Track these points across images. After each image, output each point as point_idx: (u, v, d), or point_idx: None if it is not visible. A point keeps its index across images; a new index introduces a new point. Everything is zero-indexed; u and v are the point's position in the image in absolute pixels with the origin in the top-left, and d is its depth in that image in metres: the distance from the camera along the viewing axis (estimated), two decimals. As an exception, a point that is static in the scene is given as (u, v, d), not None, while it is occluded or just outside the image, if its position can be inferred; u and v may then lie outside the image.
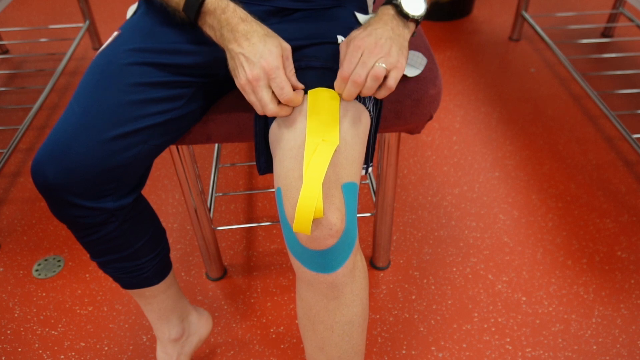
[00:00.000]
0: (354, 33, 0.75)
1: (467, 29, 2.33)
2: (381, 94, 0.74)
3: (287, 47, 0.74)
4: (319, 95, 0.74)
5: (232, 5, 0.74)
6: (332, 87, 0.76)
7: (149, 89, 0.78)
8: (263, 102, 0.71)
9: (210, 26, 0.75)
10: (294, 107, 0.75)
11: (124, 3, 2.63)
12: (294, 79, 0.74)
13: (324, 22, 0.84)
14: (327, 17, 0.85)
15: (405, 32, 0.76)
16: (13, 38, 2.32)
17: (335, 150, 0.71)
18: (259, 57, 0.70)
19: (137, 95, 0.77)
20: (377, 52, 0.71)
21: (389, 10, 0.76)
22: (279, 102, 0.73)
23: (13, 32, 2.37)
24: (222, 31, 0.73)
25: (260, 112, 0.73)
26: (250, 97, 0.73)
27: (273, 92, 0.72)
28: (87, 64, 2.16)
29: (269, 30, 0.74)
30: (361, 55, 0.71)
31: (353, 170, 0.73)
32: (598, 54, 2.11)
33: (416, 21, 0.78)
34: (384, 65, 0.71)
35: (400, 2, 0.75)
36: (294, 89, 0.74)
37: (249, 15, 0.74)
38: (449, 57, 2.14)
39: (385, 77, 0.72)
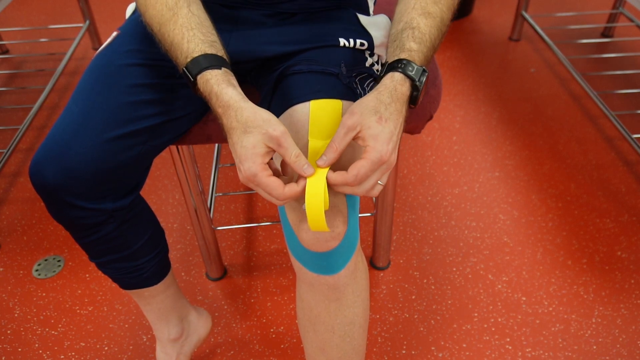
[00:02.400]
0: (374, 129, 0.62)
1: (467, 29, 2.33)
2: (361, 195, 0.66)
3: (277, 135, 0.61)
4: (322, 105, 0.74)
5: (216, 89, 0.65)
6: (333, 90, 0.75)
7: (148, 89, 0.78)
8: (268, 197, 0.64)
9: (211, 106, 0.69)
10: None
11: (124, 3, 2.63)
12: (297, 163, 0.63)
13: (325, 24, 0.83)
14: (328, 19, 0.84)
15: (402, 126, 0.67)
16: (13, 38, 2.32)
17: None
18: (240, 161, 0.63)
19: (136, 96, 0.77)
20: (386, 167, 0.64)
21: (406, 93, 0.67)
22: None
23: (13, 32, 2.37)
24: (218, 119, 0.67)
25: (275, 203, 0.66)
26: (258, 190, 0.65)
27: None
28: (87, 64, 2.15)
29: (250, 122, 0.62)
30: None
31: None
32: (598, 54, 2.11)
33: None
34: (382, 183, 0.65)
35: (420, 88, 0.67)
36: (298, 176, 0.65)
37: (230, 101, 0.64)
38: (449, 57, 2.14)
39: None
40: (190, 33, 0.68)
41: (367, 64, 0.83)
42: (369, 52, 0.84)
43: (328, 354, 0.81)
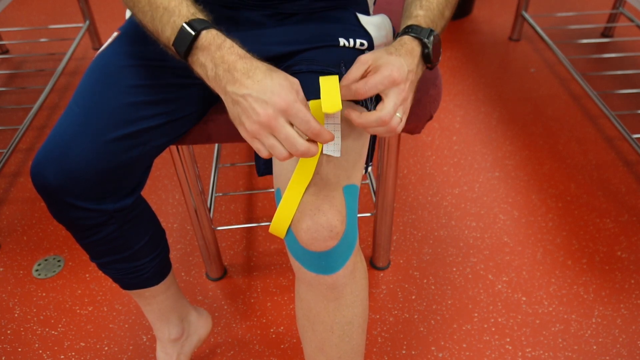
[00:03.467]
0: (386, 58, 0.66)
1: (467, 29, 2.33)
2: (383, 135, 0.69)
3: (296, 81, 0.63)
4: (321, 104, 0.74)
5: (228, 41, 0.64)
6: None
7: (148, 90, 0.78)
8: (291, 139, 0.60)
9: (201, 65, 0.65)
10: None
11: (124, 3, 2.63)
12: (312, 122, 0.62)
13: (325, 24, 0.83)
14: (328, 20, 0.84)
15: (419, 76, 0.71)
16: (13, 38, 2.32)
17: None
18: (270, 94, 0.59)
19: (137, 97, 0.77)
20: (403, 97, 0.66)
21: (416, 50, 0.69)
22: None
23: (13, 32, 2.37)
24: (217, 70, 0.63)
25: (282, 156, 0.61)
26: (268, 141, 0.61)
27: None
28: (87, 64, 2.16)
29: (272, 66, 0.64)
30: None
31: (354, 172, 0.73)
32: (598, 54, 2.11)
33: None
34: (399, 115, 0.66)
35: (430, 46, 0.69)
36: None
37: (247, 52, 0.64)
38: (449, 57, 2.14)
39: None
40: (187, 1, 0.67)
41: (367, 64, 0.83)
42: (368, 52, 0.84)
43: (327, 353, 0.81)
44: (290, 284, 1.30)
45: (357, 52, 0.82)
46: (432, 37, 0.70)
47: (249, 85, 0.61)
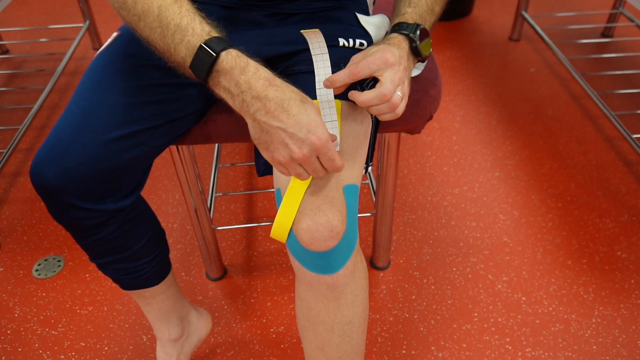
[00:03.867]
0: (376, 47, 0.70)
1: (467, 29, 2.33)
2: (386, 117, 0.71)
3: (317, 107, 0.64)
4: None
5: (252, 63, 0.62)
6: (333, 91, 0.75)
7: (148, 90, 0.78)
8: (317, 171, 0.64)
9: (225, 89, 0.63)
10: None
11: (124, 3, 2.63)
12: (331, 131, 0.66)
13: (324, 24, 0.83)
14: (327, 20, 0.84)
15: (411, 67, 0.74)
16: (13, 38, 2.32)
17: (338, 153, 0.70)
18: (306, 132, 0.60)
19: (137, 97, 0.77)
20: (399, 77, 0.68)
21: (403, 44, 0.72)
22: None
23: (13, 32, 2.37)
24: (244, 97, 0.61)
25: (304, 179, 0.66)
26: (296, 170, 0.64)
27: None
28: (87, 64, 2.16)
29: (302, 94, 0.63)
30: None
31: (354, 172, 0.73)
32: (598, 54, 2.11)
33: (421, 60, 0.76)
34: (400, 94, 0.68)
35: (417, 40, 0.72)
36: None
37: (272, 74, 0.63)
38: (449, 57, 2.14)
39: None
40: (200, 18, 0.65)
41: (367, 64, 0.83)
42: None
43: (327, 353, 0.81)
44: (290, 284, 1.30)
45: (356, 52, 0.82)
46: (418, 31, 0.72)
47: (284, 119, 0.60)
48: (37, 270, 1.34)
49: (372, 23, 0.86)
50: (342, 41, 0.81)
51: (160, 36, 0.64)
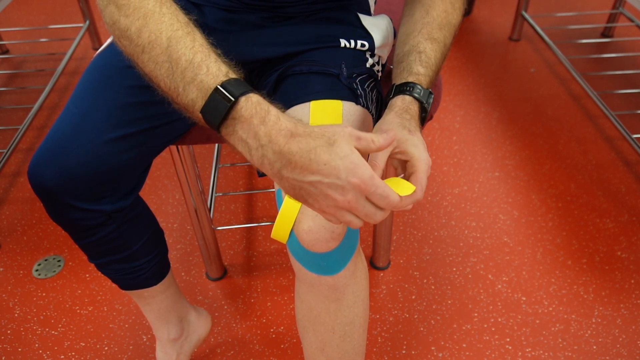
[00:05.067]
0: (410, 140, 0.63)
1: (467, 29, 2.33)
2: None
3: (351, 131, 0.54)
4: (322, 105, 0.74)
5: (273, 110, 0.54)
6: (334, 91, 0.75)
7: (147, 91, 0.77)
8: (371, 217, 0.55)
9: (241, 140, 0.55)
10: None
11: (124, 3, 2.63)
12: (379, 140, 0.56)
13: (326, 25, 0.83)
14: (328, 21, 0.84)
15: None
16: (13, 38, 2.32)
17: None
18: (345, 177, 0.52)
19: (136, 98, 0.77)
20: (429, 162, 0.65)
21: (417, 111, 0.69)
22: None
23: (13, 32, 2.37)
24: (264, 151, 0.53)
25: (359, 226, 0.57)
26: (345, 218, 0.55)
27: None
28: (87, 64, 2.15)
29: (327, 133, 0.53)
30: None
31: None
32: (598, 54, 2.11)
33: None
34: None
35: (428, 109, 0.70)
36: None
37: (294, 121, 0.54)
38: (449, 57, 2.14)
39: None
40: (215, 54, 0.58)
41: (368, 65, 0.83)
42: (369, 53, 0.84)
43: (328, 354, 0.81)
44: (290, 284, 1.29)
45: (357, 53, 0.82)
46: (431, 100, 0.70)
47: (316, 170, 0.52)
48: (37, 270, 1.34)
49: (374, 24, 0.86)
50: (343, 42, 0.81)
51: (167, 72, 0.57)
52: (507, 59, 2.12)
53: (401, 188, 0.58)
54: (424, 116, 0.71)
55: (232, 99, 0.54)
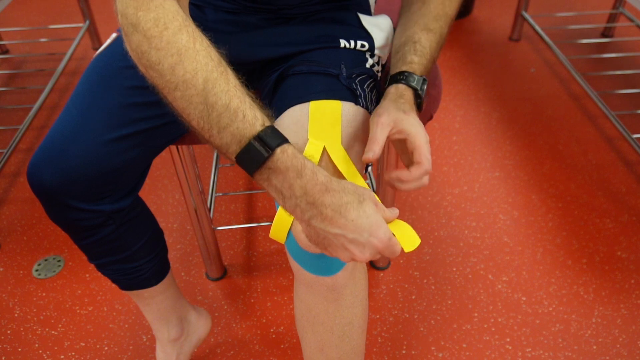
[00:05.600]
0: (406, 121, 0.68)
1: (467, 29, 2.33)
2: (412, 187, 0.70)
3: (373, 196, 0.60)
4: (321, 105, 0.74)
5: (309, 165, 0.56)
6: (333, 92, 0.75)
7: (146, 91, 0.77)
8: (375, 256, 0.60)
9: (276, 189, 0.57)
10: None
11: (124, 3, 2.63)
12: (388, 213, 0.61)
13: (326, 25, 0.83)
14: (329, 20, 0.84)
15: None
16: (13, 38, 2.32)
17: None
18: (367, 236, 0.56)
19: (135, 98, 0.77)
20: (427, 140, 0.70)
21: (411, 97, 0.72)
22: None
23: (13, 32, 2.37)
24: (298, 201, 0.56)
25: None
26: (346, 258, 0.60)
27: None
28: (87, 64, 2.15)
29: (357, 190, 0.58)
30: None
31: None
32: (598, 54, 2.11)
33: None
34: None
35: (422, 97, 0.73)
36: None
37: (328, 177, 0.57)
38: (449, 57, 2.14)
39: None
40: (248, 97, 0.58)
41: (368, 65, 0.83)
42: (369, 53, 0.84)
43: (327, 354, 0.81)
44: (290, 284, 1.29)
45: (357, 54, 0.82)
46: (425, 87, 0.73)
47: (342, 225, 0.56)
48: (37, 270, 1.34)
49: (374, 24, 0.86)
50: (343, 42, 0.81)
51: (201, 114, 0.57)
52: (507, 59, 2.12)
53: (406, 236, 0.62)
54: (419, 102, 0.73)
55: (269, 151, 0.55)
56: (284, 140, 0.57)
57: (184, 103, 0.58)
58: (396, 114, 0.68)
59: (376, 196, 0.60)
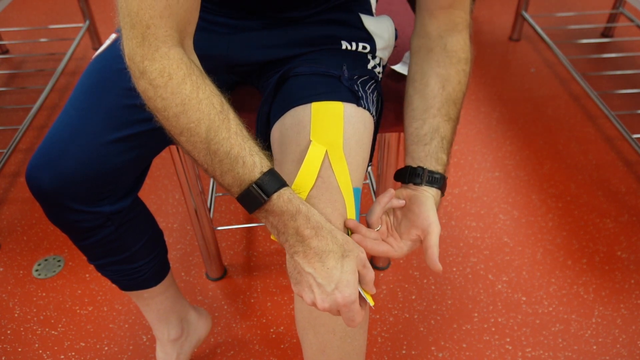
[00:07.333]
0: (433, 223, 0.70)
1: (467, 28, 2.33)
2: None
3: (364, 257, 0.63)
4: (323, 107, 0.74)
5: (304, 209, 0.61)
6: (334, 93, 0.75)
7: None
8: (355, 319, 0.63)
9: (272, 225, 0.62)
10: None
11: (124, 3, 2.63)
12: (370, 286, 0.65)
13: (328, 27, 0.82)
14: (331, 22, 0.83)
15: None
16: (13, 38, 2.32)
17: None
18: (333, 288, 0.60)
19: (134, 99, 0.76)
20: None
21: (437, 197, 0.73)
22: None
23: (13, 32, 2.37)
24: (289, 238, 0.61)
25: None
26: (308, 300, 0.64)
27: None
28: (87, 64, 2.15)
29: (346, 245, 0.62)
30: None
31: (357, 175, 0.73)
32: (598, 54, 2.11)
33: None
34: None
35: (443, 194, 0.74)
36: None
37: (321, 222, 0.62)
38: (449, 57, 2.13)
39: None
40: (248, 143, 0.61)
41: (369, 67, 0.83)
42: (371, 55, 0.84)
43: (329, 355, 0.80)
44: (290, 284, 1.29)
45: (359, 55, 0.82)
46: (445, 189, 0.75)
47: (318, 268, 0.61)
48: (37, 270, 1.34)
49: (376, 25, 0.86)
50: (344, 44, 0.81)
51: (205, 158, 0.61)
52: (507, 59, 2.12)
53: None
54: (436, 202, 0.74)
55: (266, 197, 0.59)
56: (281, 185, 0.60)
57: (189, 146, 0.61)
58: (413, 196, 0.72)
59: (366, 260, 0.63)
